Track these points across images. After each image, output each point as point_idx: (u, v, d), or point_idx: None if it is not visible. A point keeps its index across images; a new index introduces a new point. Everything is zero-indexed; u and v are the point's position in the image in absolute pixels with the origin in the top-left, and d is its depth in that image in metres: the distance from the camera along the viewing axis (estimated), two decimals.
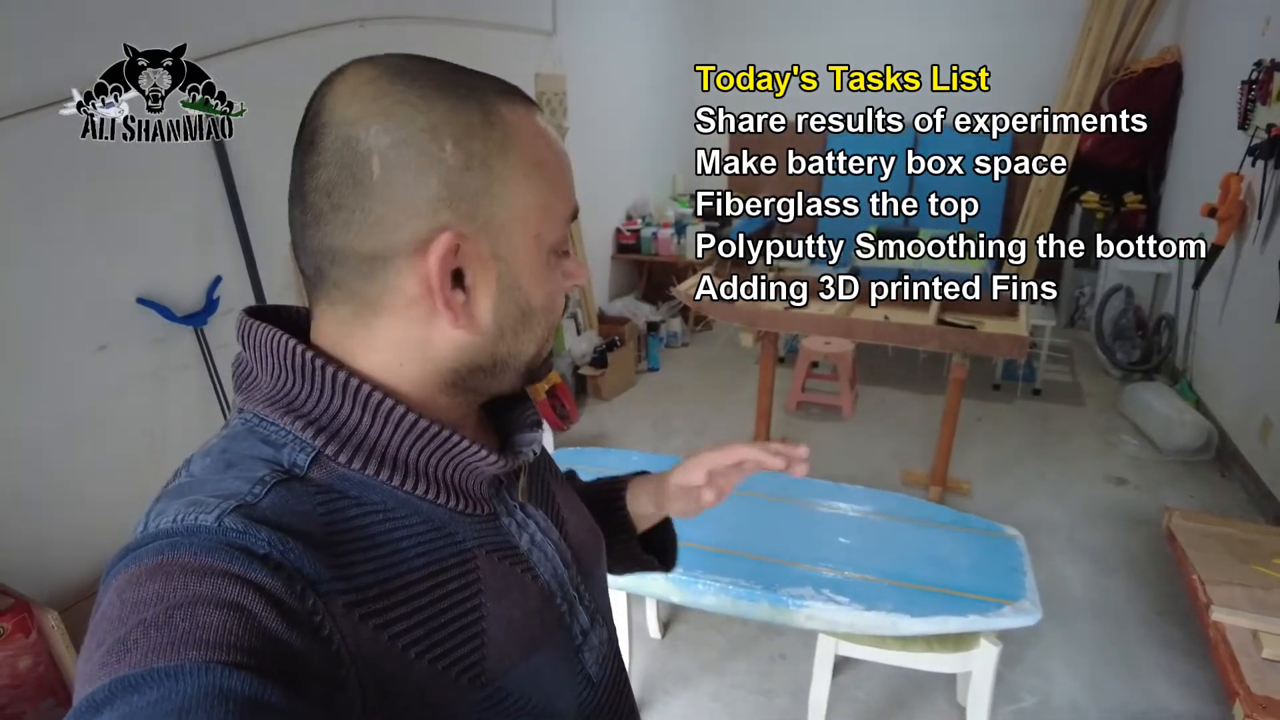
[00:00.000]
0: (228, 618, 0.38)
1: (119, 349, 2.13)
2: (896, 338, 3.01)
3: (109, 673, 0.36)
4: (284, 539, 0.44)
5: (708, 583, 1.82)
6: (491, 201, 0.50)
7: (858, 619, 1.74)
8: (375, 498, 0.50)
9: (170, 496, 0.47)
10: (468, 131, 0.50)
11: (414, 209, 0.48)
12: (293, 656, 0.40)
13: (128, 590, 0.40)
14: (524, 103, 0.55)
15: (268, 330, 0.52)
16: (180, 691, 0.35)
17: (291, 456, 0.49)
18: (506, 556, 0.56)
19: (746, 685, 2.26)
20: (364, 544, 0.48)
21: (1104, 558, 2.84)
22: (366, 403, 0.50)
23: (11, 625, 1.72)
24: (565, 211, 0.55)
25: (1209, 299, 3.89)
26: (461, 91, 0.50)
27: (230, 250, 2.41)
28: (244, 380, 0.54)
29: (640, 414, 4.11)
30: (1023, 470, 3.49)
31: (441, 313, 0.51)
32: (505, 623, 0.53)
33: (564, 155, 0.56)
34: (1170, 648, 2.37)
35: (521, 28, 3.89)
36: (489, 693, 0.50)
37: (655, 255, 5.18)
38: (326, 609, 0.43)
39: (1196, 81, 4.65)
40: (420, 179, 0.48)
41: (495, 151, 0.50)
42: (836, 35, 5.85)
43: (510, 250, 0.52)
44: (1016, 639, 2.34)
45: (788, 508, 2.17)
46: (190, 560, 0.41)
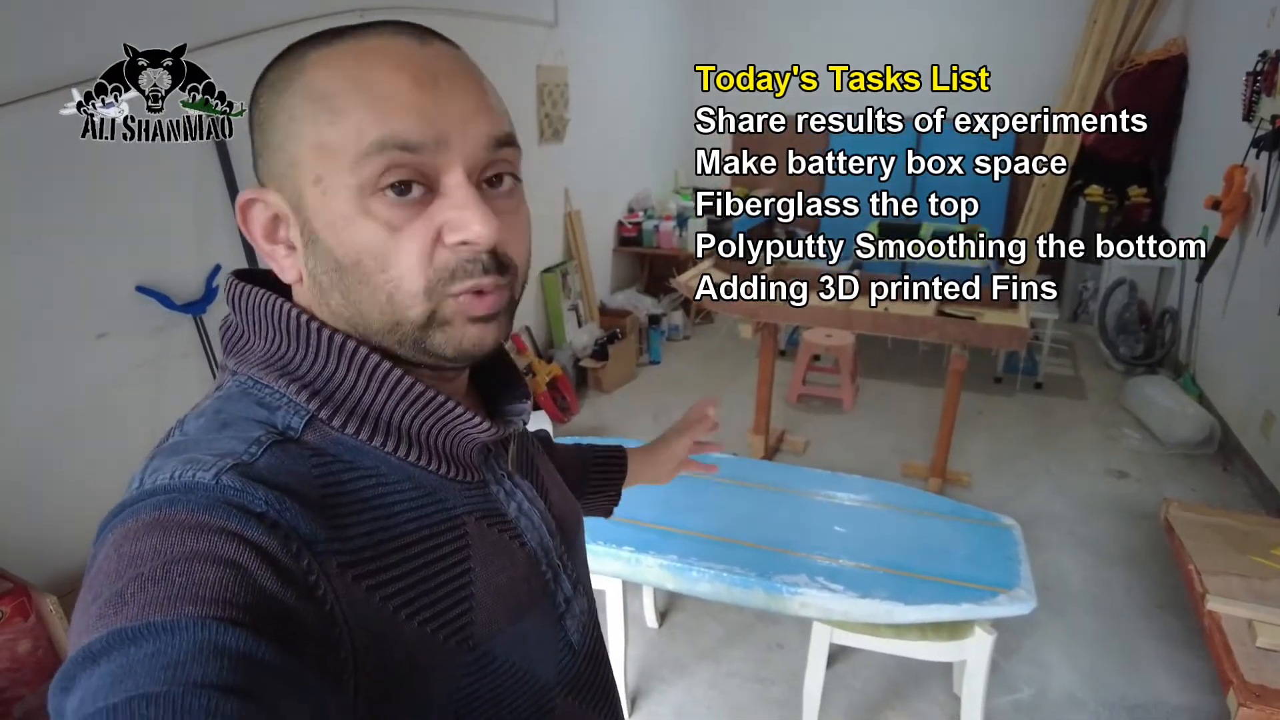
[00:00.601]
0: (224, 574, 0.39)
1: (118, 337, 2.14)
2: (896, 329, 3.01)
3: (106, 624, 0.36)
4: (281, 498, 0.44)
5: (702, 570, 1.82)
6: (272, 152, 0.50)
7: (852, 607, 1.74)
8: (368, 462, 0.51)
9: (165, 454, 0.47)
10: (270, 86, 0.51)
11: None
12: (287, 615, 0.40)
13: (125, 544, 0.40)
14: (355, 35, 0.50)
15: (261, 294, 0.52)
16: (176, 645, 0.35)
17: (286, 419, 0.49)
18: (495, 523, 0.57)
19: (743, 673, 2.26)
20: (357, 506, 0.48)
21: (1104, 550, 2.83)
22: (363, 366, 0.51)
23: (10, 609, 1.74)
24: (356, 145, 0.47)
25: (1212, 292, 3.87)
26: (297, 44, 0.51)
27: (229, 238, 2.42)
28: (235, 343, 0.54)
29: (641, 406, 4.11)
30: (1024, 463, 3.48)
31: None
32: (493, 588, 0.54)
33: (378, 79, 0.48)
34: (1170, 640, 2.37)
35: (523, 19, 3.89)
36: (476, 656, 0.51)
37: (657, 248, 5.18)
38: (321, 569, 0.44)
39: (1201, 73, 4.63)
40: (251, 144, 0.52)
41: (273, 98, 0.50)
42: (836, 33, 5.82)
43: (300, 199, 0.49)
44: (1014, 630, 2.34)
45: (784, 497, 2.16)
46: (188, 516, 0.41)
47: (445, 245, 0.49)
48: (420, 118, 0.47)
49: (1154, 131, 4.94)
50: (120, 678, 0.34)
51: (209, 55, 2.21)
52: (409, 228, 0.48)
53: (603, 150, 4.86)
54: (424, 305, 0.49)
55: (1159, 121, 4.92)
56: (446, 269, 0.49)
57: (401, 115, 0.47)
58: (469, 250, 0.49)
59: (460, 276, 0.50)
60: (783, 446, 3.64)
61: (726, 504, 2.13)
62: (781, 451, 3.62)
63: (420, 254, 0.49)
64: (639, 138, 5.51)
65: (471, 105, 0.50)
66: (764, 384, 3.35)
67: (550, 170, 4.26)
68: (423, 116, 0.47)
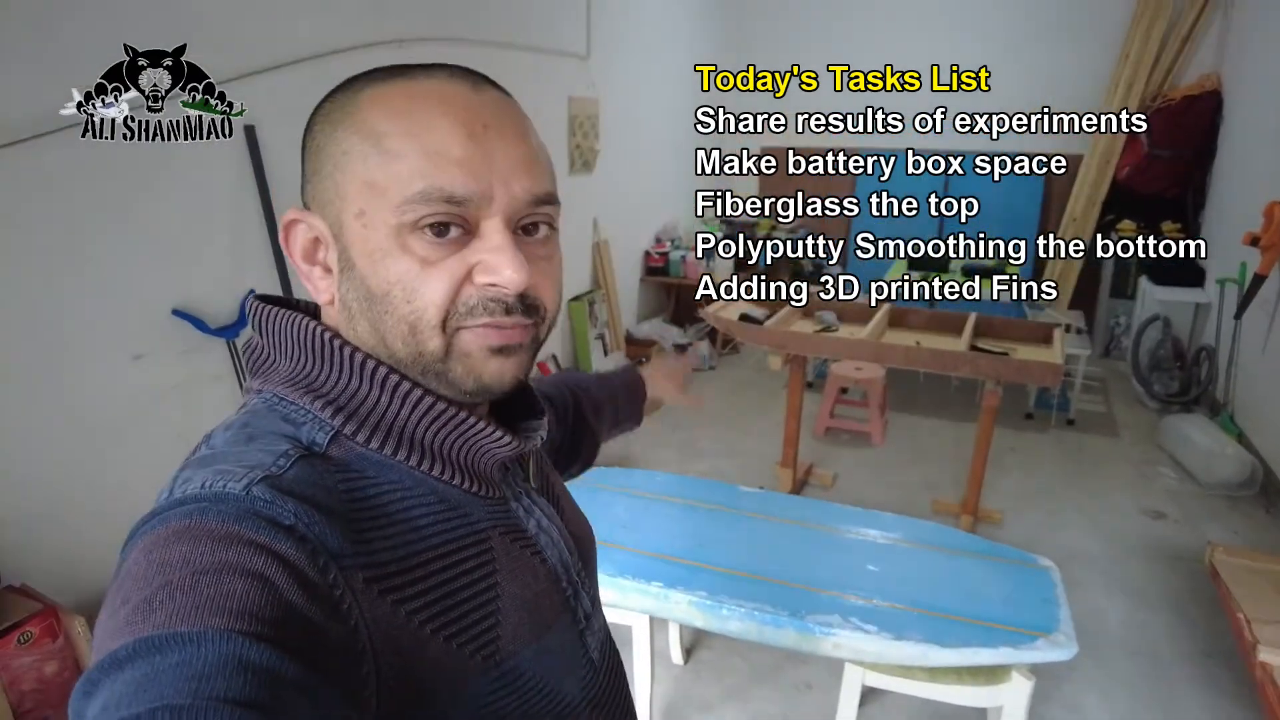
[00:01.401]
0: (251, 587, 0.39)
1: (153, 359, 2.17)
2: (928, 363, 2.97)
3: (133, 632, 0.36)
4: (309, 511, 0.44)
5: (733, 608, 1.79)
6: (320, 180, 0.52)
7: (886, 648, 1.69)
8: (392, 476, 0.51)
9: (195, 465, 0.47)
10: (325, 117, 0.52)
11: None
12: (312, 630, 0.40)
13: (155, 551, 0.40)
14: (410, 76, 0.51)
15: (284, 314, 0.53)
16: (201, 658, 0.35)
17: (310, 435, 0.50)
18: (517, 539, 0.57)
19: (771, 714, 2.21)
20: (382, 521, 0.48)
21: (1142, 592, 2.75)
22: (384, 384, 0.51)
23: (39, 630, 1.74)
24: (403, 190, 0.48)
25: (1251, 329, 3.79)
26: (355, 79, 0.53)
27: (264, 265, 2.45)
28: (259, 364, 0.55)
29: (666, 436, 4.09)
30: (1056, 501, 3.41)
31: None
32: (519, 602, 0.54)
33: (431, 125, 0.48)
34: (1214, 689, 2.28)
35: (556, 51, 3.95)
36: (502, 672, 0.51)
37: (684, 278, 5.18)
38: (347, 583, 0.44)
39: (1238, 108, 4.58)
40: (302, 168, 0.54)
41: (329, 130, 0.51)
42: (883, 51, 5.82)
43: (340, 228, 0.51)
44: (1050, 673, 2.26)
45: (814, 534, 2.13)
46: (217, 527, 0.41)
47: (474, 284, 0.50)
48: (468, 173, 0.48)
49: (1188, 165, 4.90)
50: (144, 686, 0.34)
51: (252, 84, 2.26)
52: (442, 264, 0.49)
53: (631, 181, 4.90)
54: (441, 338, 0.50)
55: (1192, 156, 4.87)
56: (467, 305, 0.50)
57: (450, 169, 0.48)
58: (496, 291, 0.50)
59: (480, 313, 0.50)
60: (810, 480, 3.60)
61: (756, 539, 2.09)
62: (809, 485, 3.57)
63: (447, 288, 0.49)
64: (668, 167, 5.55)
65: (517, 159, 0.51)
66: (793, 416, 3.31)
67: (579, 200, 4.29)
68: (470, 171, 0.48)
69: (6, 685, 1.68)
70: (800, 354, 3.25)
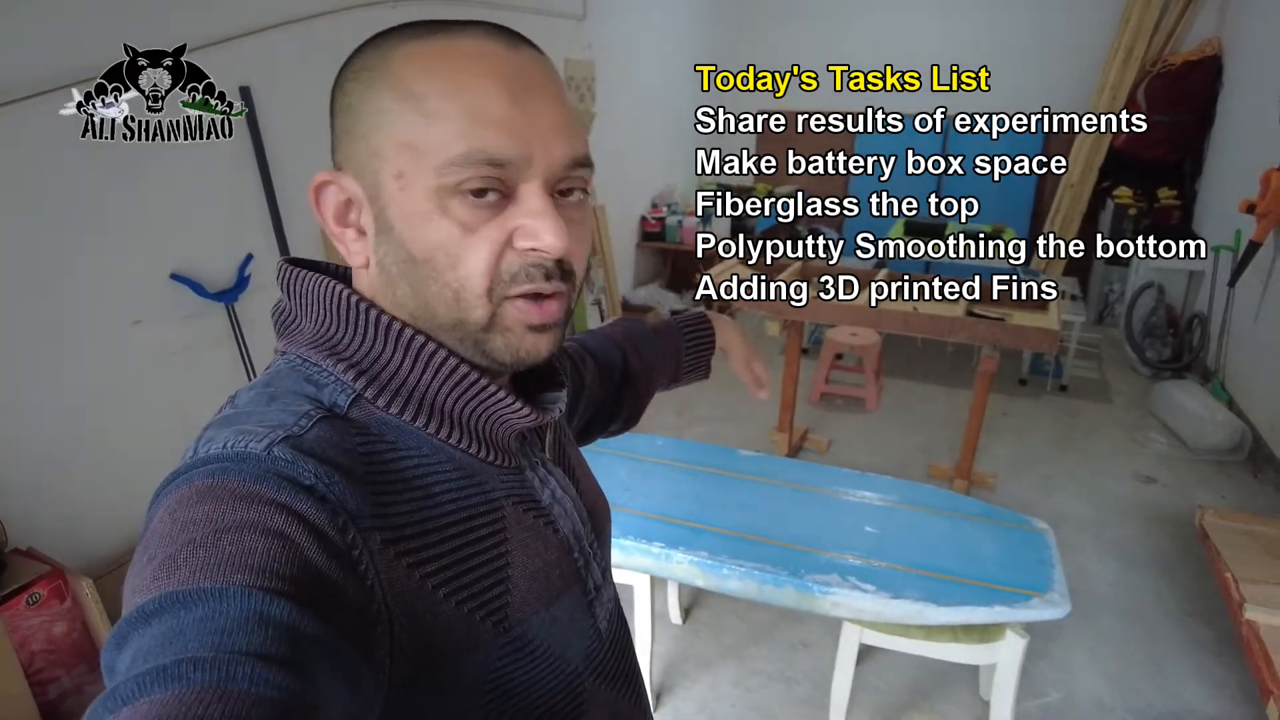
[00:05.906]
0: (272, 545, 0.40)
1: (153, 324, 2.16)
2: (925, 329, 2.98)
3: (159, 587, 0.38)
4: (330, 471, 0.45)
5: (733, 567, 1.82)
6: (353, 141, 0.51)
7: (884, 607, 1.72)
8: (410, 442, 0.52)
9: (218, 425, 0.48)
10: (356, 75, 0.51)
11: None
12: (331, 588, 0.41)
13: (179, 510, 0.41)
14: (448, 32, 0.50)
15: (312, 276, 0.53)
16: (224, 613, 0.36)
17: (332, 396, 0.50)
18: (530, 509, 0.58)
19: (767, 672, 2.26)
20: (400, 485, 0.49)
21: (1132, 555, 2.80)
22: (409, 346, 0.52)
23: (47, 592, 1.76)
24: (444, 152, 0.47)
25: (1245, 297, 3.81)
26: (387, 35, 0.52)
27: (262, 228, 2.43)
28: (286, 326, 0.55)
29: (664, 401, 4.10)
30: (1049, 466, 3.45)
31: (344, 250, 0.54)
32: (529, 571, 0.55)
33: (472, 87, 0.48)
34: (1200, 648, 2.34)
35: (552, 12, 3.89)
36: (511, 638, 0.52)
37: (680, 244, 5.17)
38: (364, 544, 0.44)
39: (1237, 75, 4.55)
40: (332, 127, 0.53)
41: (361, 89, 0.50)
42: (872, 30, 5.79)
43: (377, 189, 0.50)
44: (1041, 633, 2.32)
45: (813, 496, 2.15)
46: (239, 486, 0.42)
47: (515, 249, 0.50)
48: (510, 135, 0.48)
49: (1187, 131, 4.88)
50: (170, 639, 0.35)
51: (242, 45, 2.23)
52: (483, 230, 0.49)
53: (628, 145, 4.85)
54: (486, 307, 0.50)
55: (1192, 122, 4.85)
56: (510, 271, 0.50)
57: (493, 131, 0.48)
58: (537, 256, 0.50)
59: (522, 280, 0.50)
60: (806, 445, 3.63)
61: (756, 502, 2.12)
62: (805, 450, 3.60)
63: (490, 256, 0.49)
64: (664, 132, 5.50)
65: (557, 120, 0.51)
66: (789, 382, 3.33)
67: None
68: (513, 133, 0.48)
69: (17, 645, 1.70)
70: (797, 320, 3.26)
